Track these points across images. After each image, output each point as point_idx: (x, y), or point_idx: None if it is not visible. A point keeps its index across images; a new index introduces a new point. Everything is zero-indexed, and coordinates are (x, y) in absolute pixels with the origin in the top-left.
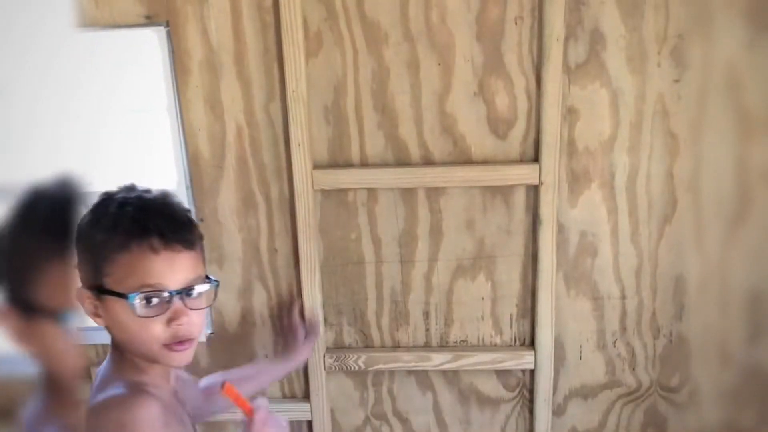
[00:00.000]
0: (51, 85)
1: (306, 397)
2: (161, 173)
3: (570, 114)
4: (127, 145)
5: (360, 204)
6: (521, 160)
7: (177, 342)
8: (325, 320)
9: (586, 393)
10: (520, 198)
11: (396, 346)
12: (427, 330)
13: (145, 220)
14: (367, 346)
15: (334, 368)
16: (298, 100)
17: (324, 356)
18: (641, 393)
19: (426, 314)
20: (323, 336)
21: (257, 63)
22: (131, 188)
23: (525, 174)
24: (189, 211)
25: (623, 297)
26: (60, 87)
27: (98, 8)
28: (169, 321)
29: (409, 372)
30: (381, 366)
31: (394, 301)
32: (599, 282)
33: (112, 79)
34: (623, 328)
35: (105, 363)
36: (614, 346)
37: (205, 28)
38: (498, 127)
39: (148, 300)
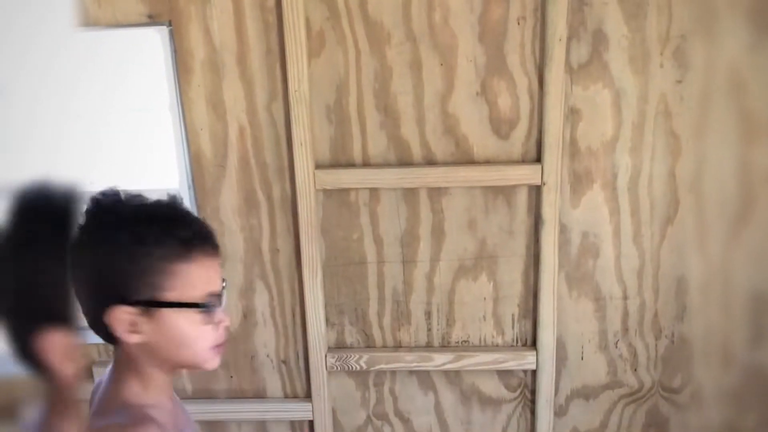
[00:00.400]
0: (53, 85)
1: (308, 396)
2: (163, 172)
3: (572, 114)
4: (130, 144)
5: (362, 204)
6: (523, 161)
7: (219, 343)
8: (327, 320)
9: (587, 393)
10: (522, 198)
11: (398, 346)
12: (429, 330)
13: (195, 229)
14: (369, 346)
15: (335, 368)
16: (300, 99)
17: (326, 356)
18: (643, 394)
19: (428, 314)
20: (325, 336)
21: (260, 63)
22: (140, 196)
23: (527, 174)
24: None
25: (625, 297)
26: (62, 86)
27: (101, 8)
28: (218, 323)
29: (411, 372)
30: (383, 366)
31: (395, 301)
32: (601, 282)
33: (114, 79)
34: (625, 329)
35: (105, 383)
36: (616, 347)
37: (207, 28)
38: (500, 127)
39: (213, 306)
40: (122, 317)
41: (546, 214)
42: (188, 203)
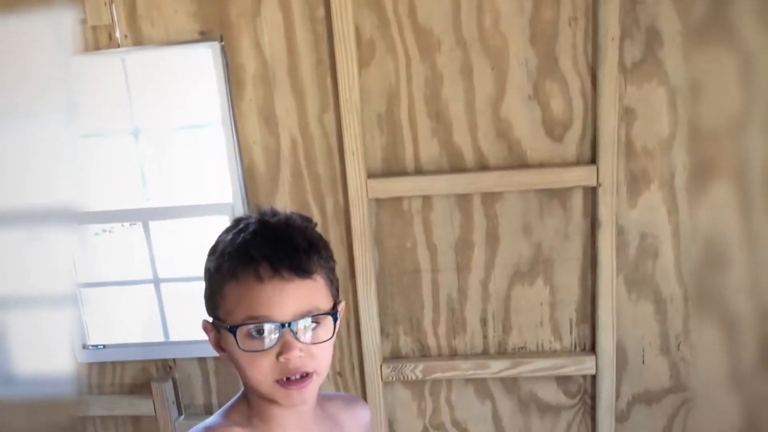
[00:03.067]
0: (110, 103)
1: None
2: (217, 187)
3: (627, 114)
4: (185, 160)
5: (415, 212)
6: (578, 162)
7: (290, 379)
8: (382, 330)
9: (650, 398)
10: (577, 201)
11: (453, 355)
12: (485, 337)
13: (252, 247)
14: (424, 355)
15: (391, 378)
16: (351, 109)
17: (381, 367)
18: None
19: (483, 321)
20: (380, 346)
21: (310, 74)
22: (262, 211)
23: (582, 176)
24: (318, 236)
25: (686, 299)
26: (120, 105)
27: (154, 27)
28: (278, 355)
29: (467, 380)
30: (438, 375)
31: (450, 309)
32: (661, 284)
33: (168, 96)
34: (687, 331)
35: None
36: (678, 350)
37: (258, 42)
38: (554, 129)
39: (255, 332)
40: (207, 331)
41: (602, 216)
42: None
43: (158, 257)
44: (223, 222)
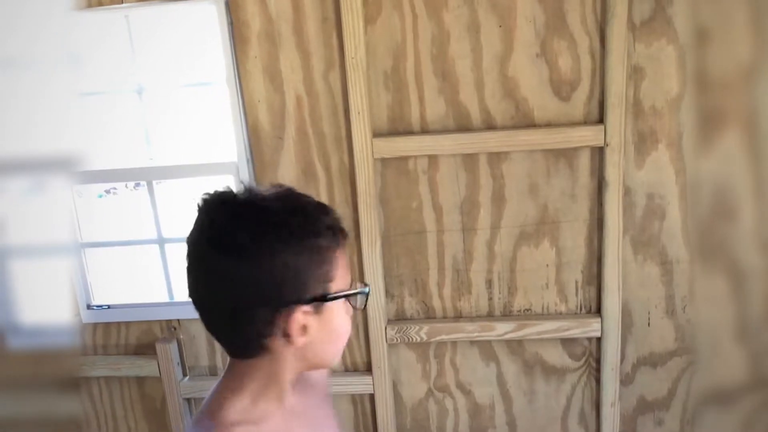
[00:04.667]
0: (112, 61)
1: (368, 370)
2: (222, 146)
3: (635, 73)
4: (188, 119)
5: (420, 172)
6: (585, 122)
7: None
8: (387, 292)
9: (655, 361)
10: (584, 161)
11: (458, 317)
12: (490, 299)
13: (333, 213)
14: (429, 317)
15: (395, 340)
16: (357, 67)
17: (386, 328)
18: None
19: (489, 283)
20: (385, 308)
21: (316, 31)
22: (260, 190)
23: (589, 136)
24: None
25: (693, 260)
26: (126, 62)
27: None
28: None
29: (472, 342)
30: (443, 337)
31: (456, 271)
32: (668, 246)
33: (172, 54)
34: (693, 293)
35: (213, 392)
36: (684, 312)
37: None
38: (561, 88)
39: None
40: (299, 318)
41: (609, 176)
42: (247, 177)
43: (162, 217)
44: (228, 181)
